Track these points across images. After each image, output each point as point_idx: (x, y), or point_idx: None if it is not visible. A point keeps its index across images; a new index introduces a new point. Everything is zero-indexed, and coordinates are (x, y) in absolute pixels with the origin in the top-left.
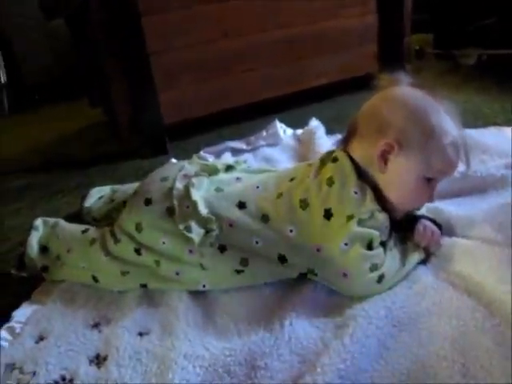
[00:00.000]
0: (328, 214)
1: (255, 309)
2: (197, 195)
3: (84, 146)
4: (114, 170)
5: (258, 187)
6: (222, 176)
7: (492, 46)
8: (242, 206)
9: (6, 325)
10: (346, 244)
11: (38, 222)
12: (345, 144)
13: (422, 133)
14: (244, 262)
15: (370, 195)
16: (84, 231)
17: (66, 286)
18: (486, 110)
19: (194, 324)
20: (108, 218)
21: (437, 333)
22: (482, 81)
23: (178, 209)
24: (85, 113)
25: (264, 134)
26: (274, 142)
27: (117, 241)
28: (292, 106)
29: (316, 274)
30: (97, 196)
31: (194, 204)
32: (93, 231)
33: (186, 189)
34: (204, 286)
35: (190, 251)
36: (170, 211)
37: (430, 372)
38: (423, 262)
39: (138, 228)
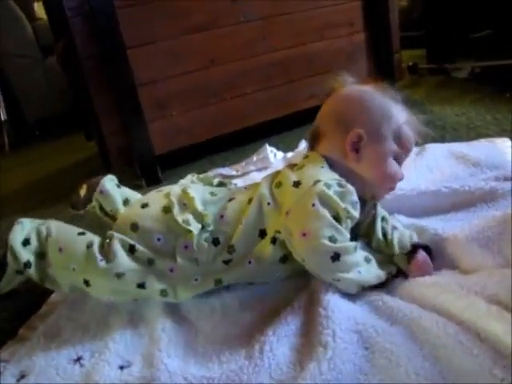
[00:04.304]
0: (297, 184)
1: (237, 336)
2: (194, 193)
3: (80, 179)
4: None
5: (245, 188)
6: (215, 187)
7: (484, 59)
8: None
9: None
10: (313, 205)
11: (24, 219)
12: (311, 149)
13: (381, 118)
14: (231, 249)
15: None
16: (80, 233)
17: (51, 321)
18: (478, 122)
19: (174, 355)
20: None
21: (413, 352)
22: (475, 93)
23: (176, 206)
24: (82, 146)
25: (254, 158)
26: (264, 166)
27: (110, 240)
28: (284, 129)
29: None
30: (114, 183)
31: (192, 200)
32: (90, 235)
33: (183, 190)
34: (196, 280)
35: (186, 247)
36: (167, 209)
37: None
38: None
39: (134, 227)
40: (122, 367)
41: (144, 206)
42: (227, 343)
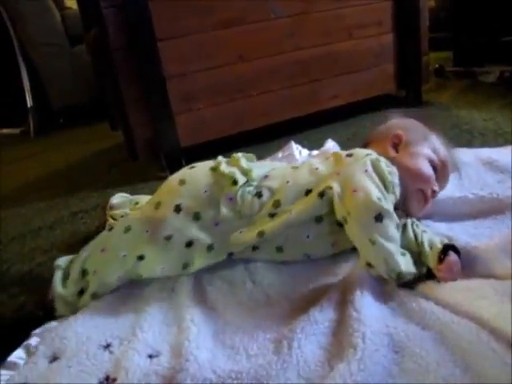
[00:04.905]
0: (349, 155)
1: (265, 330)
2: (240, 156)
3: (103, 168)
4: (132, 192)
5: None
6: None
7: None
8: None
9: (24, 342)
10: (365, 170)
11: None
12: None
13: (421, 136)
14: (277, 203)
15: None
16: (110, 229)
17: (84, 307)
18: (506, 128)
19: (203, 346)
20: None
21: (444, 357)
22: (503, 98)
23: (223, 163)
24: (106, 136)
25: (280, 155)
26: (290, 163)
27: (157, 205)
28: (308, 127)
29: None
30: (123, 196)
31: (238, 160)
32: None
33: (228, 157)
34: (240, 233)
35: (230, 199)
36: (214, 169)
37: None
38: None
39: (181, 182)
40: (151, 356)
41: (192, 167)
42: (255, 337)
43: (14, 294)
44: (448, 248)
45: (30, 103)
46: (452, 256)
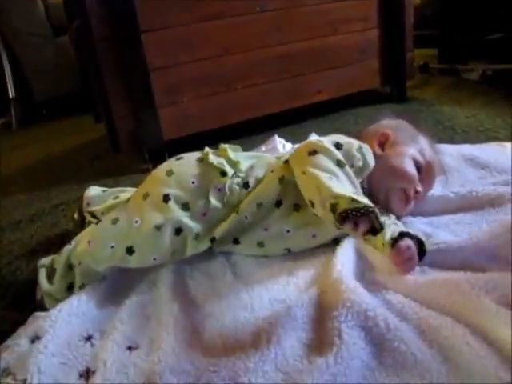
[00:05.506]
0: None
1: (244, 322)
2: (226, 147)
3: (86, 161)
4: (114, 185)
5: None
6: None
7: (496, 61)
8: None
9: None
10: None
11: (43, 259)
12: None
13: (410, 136)
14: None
15: None
16: (98, 222)
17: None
18: (488, 125)
19: (182, 339)
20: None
21: (422, 351)
22: (485, 96)
23: (211, 154)
24: (89, 128)
25: (263, 148)
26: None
27: (145, 196)
28: (292, 121)
29: None
30: (99, 189)
31: (225, 150)
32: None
33: (216, 147)
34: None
35: (219, 189)
36: (201, 159)
37: None
38: None
39: (169, 173)
40: (130, 348)
41: (179, 158)
42: (234, 329)
43: None
44: (403, 235)
45: (12, 94)
46: (404, 241)
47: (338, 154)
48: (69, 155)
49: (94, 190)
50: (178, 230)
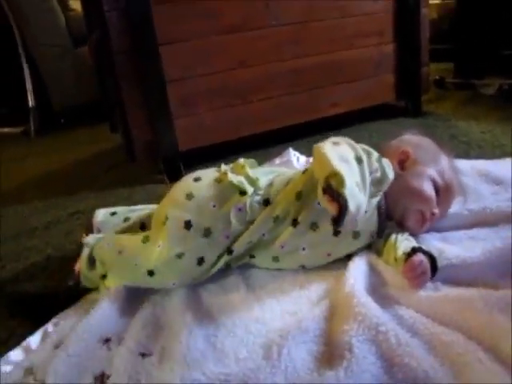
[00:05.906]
0: None
1: (255, 334)
2: (244, 163)
3: (101, 170)
4: (129, 194)
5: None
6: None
7: None
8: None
9: (43, 327)
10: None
11: (89, 238)
12: None
13: (429, 154)
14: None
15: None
16: (133, 235)
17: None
18: (504, 140)
19: (194, 348)
20: None
21: (433, 367)
22: (502, 111)
23: (229, 172)
24: (105, 137)
25: (277, 161)
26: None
27: (166, 219)
28: (307, 134)
29: None
30: (107, 213)
31: (243, 167)
32: (143, 233)
33: (234, 163)
34: (249, 243)
35: (239, 209)
36: (219, 180)
37: None
38: None
39: (188, 197)
40: (143, 354)
41: (196, 179)
42: (245, 341)
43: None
44: (416, 251)
45: (31, 103)
46: (417, 256)
47: (361, 152)
48: (85, 164)
49: (101, 215)
50: (200, 260)
